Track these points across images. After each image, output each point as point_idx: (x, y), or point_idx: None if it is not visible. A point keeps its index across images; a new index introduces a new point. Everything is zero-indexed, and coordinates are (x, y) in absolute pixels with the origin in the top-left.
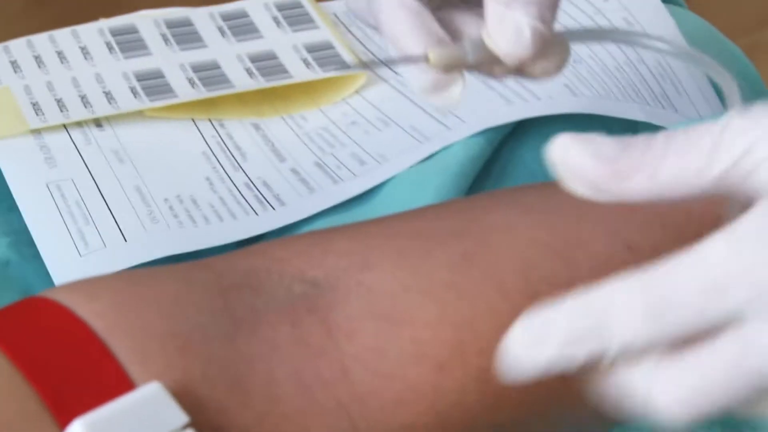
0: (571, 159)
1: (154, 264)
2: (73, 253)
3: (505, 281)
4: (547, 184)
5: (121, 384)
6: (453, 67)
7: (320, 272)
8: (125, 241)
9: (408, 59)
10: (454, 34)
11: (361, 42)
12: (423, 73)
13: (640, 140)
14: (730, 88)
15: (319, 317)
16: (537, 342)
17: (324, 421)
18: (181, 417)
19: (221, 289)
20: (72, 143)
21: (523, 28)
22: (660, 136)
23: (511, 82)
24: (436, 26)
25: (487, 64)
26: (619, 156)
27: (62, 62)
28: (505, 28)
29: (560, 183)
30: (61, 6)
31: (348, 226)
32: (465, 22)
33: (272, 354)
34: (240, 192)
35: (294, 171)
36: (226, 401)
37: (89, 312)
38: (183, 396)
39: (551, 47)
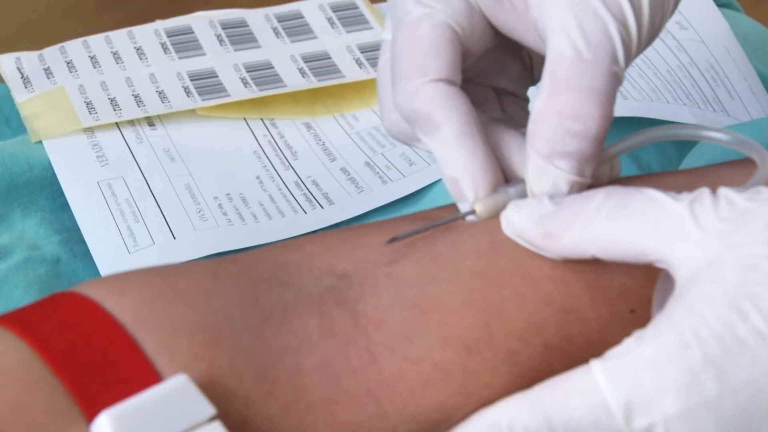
0: (515, 223)
1: None
2: (123, 250)
3: (533, 269)
4: None
5: (149, 377)
6: (498, 211)
7: (349, 265)
8: (174, 238)
9: (455, 218)
10: (499, 156)
11: None
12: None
13: (577, 200)
14: None
15: (348, 308)
16: None
17: (351, 408)
18: (207, 409)
19: (250, 283)
20: (124, 142)
21: (560, 182)
22: (599, 195)
23: None
24: (490, 164)
25: None
26: (549, 217)
27: (117, 62)
28: (544, 180)
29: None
30: (134, 6)
31: (382, 222)
32: (510, 145)
33: (300, 345)
34: (289, 190)
35: (344, 170)
36: (252, 392)
37: (117, 306)
38: (210, 388)
39: (598, 168)
